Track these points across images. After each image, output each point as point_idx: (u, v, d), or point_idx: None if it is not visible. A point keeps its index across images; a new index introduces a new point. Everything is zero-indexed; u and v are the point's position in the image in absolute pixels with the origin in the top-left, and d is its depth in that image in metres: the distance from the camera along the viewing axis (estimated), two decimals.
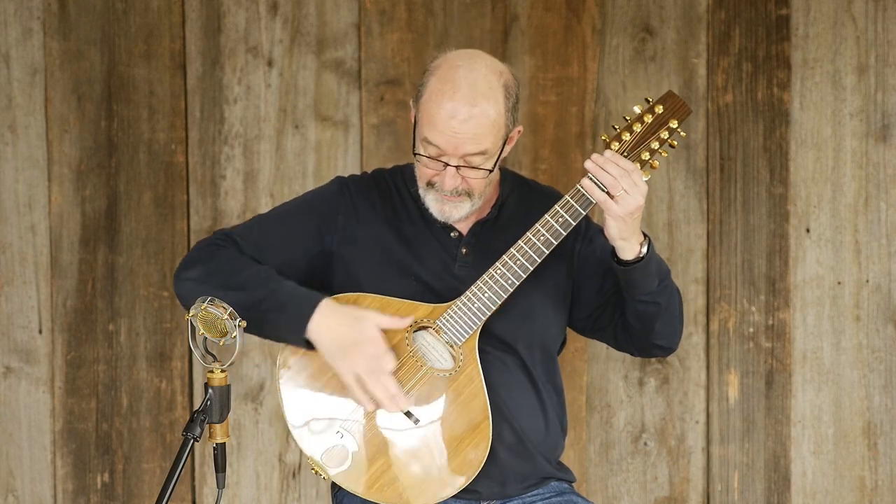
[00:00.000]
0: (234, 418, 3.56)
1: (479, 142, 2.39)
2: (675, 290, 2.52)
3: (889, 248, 3.47)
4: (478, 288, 2.38)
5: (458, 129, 2.37)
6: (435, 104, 2.38)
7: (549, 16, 3.48)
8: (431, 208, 2.47)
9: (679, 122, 2.40)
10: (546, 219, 2.39)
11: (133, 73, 3.53)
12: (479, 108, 2.37)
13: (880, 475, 3.51)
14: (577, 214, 2.38)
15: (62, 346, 3.57)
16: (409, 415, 2.39)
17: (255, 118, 3.53)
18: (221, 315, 2.28)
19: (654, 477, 3.55)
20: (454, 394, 2.39)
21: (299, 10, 3.51)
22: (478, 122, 2.37)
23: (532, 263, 2.38)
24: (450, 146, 2.38)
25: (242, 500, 3.59)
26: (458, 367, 2.39)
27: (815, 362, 3.50)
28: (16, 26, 3.53)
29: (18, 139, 3.54)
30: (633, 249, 2.40)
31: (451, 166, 2.40)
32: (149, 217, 3.55)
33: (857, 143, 3.46)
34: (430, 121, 2.39)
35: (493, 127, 2.40)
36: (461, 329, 2.38)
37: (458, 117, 2.36)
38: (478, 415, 2.39)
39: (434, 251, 2.51)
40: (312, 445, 2.41)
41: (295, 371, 2.42)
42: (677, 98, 2.41)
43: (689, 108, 2.41)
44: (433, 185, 2.45)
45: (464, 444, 2.40)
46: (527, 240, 2.39)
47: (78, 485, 3.60)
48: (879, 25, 3.44)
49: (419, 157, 2.44)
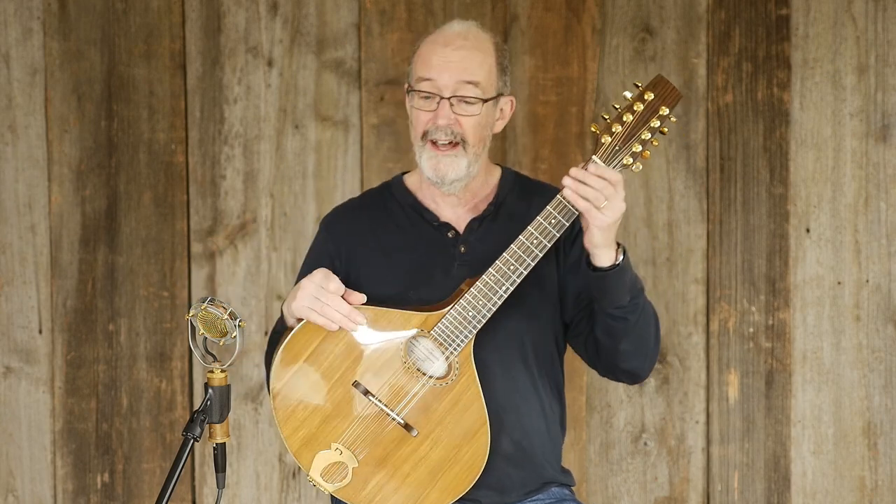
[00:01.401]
0: (234, 418, 3.56)
1: (472, 71, 2.44)
2: (649, 314, 2.49)
3: (889, 248, 3.47)
4: (471, 296, 2.36)
5: (450, 56, 2.43)
6: (429, 43, 2.48)
7: (549, 16, 3.48)
8: (427, 169, 2.47)
9: (670, 109, 2.33)
10: (539, 220, 2.36)
11: (133, 73, 3.53)
12: (470, 41, 2.46)
13: (880, 475, 3.51)
14: (571, 214, 2.36)
15: (62, 346, 3.57)
16: (407, 427, 2.39)
17: (255, 118, 3.53)
18: (221, 315, 2.28)
19: (654, 477, 3.55)
20: (451, 403, 2.39)
21: (299, 10, 3.51)
22: (469, 52, 2.45)
23: (526, 268, 2.36)
24: (443, 74, 2.43)
25: (242, 500, 3.59)
26: (454, 376, 2.39)
27: (815, 362, 3.50)
28: (16, 26, 3.53)
29: (18, 139, 3.54)
30: (609, 256, 2.38)
31: (444, 99, 2.43)
32: (149, 217, 3.55)
33: (857, 143, 3.46)
34: (424, 59, 2.47)
35: (484, 62, 2.45)
36: (457, 338, 2.37)
37: (451, 46, 2.44)
38: (475, 423, 2.39)
39: (432, 254, 2.51)
40: (311, 463, 2.41)
41: (289, 389, 2.41)
42: (667, 83, 2.35)
43: (679, 93, 2.36)
44: (428, 134, 2.46)
45: (462, 453, 2.40)
46: (519, 244, 2.36)
47: (78, 485, 3.59)
48: (879, 25, 3.44)
49: (414, 98, 2.47)
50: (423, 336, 2.39)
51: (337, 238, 2.58)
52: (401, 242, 2.53)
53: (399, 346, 2.39)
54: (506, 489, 2.50)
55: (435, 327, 2.38)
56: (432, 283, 2.48)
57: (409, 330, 2.39)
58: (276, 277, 3.54)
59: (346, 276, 2.51)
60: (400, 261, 2.52)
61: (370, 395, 2.39)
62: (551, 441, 2.55)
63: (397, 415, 2.39)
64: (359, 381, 2.40)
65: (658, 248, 3.50)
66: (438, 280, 2.48)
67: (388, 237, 2.55)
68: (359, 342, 2.40)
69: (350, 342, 2.40)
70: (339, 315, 2.37)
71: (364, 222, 2.58)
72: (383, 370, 2.39)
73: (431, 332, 2.38)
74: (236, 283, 3.55)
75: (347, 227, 2.59)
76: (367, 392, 2.39)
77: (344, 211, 2.65)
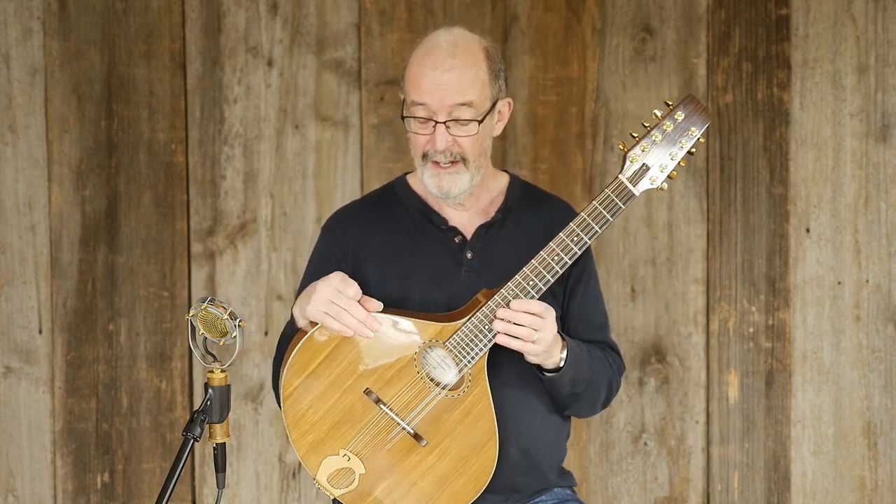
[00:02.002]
0: (234, 418, 3.56)
1: (464, 92, 2.40)
2: (601, 379, 2.51)
3: (889, 248, 3.47)
4: (489, 309, 2.35)
5: (440, 79, 2.39)
6: (417, 65, 2.43)
7: (549, 16, 3.48)
8: (430, 185, 2.47)
9: (699, 131, 2.34)
10: (561, 237, 2.36)
11: (133, 73, 3.53)
12: (459, 60, 2.40)
13: (880, 475, 3.51)
14: (595, 233, 2.37)
15: (62, 346, 3.57)
16: (417, 437, 2.39)
17: (255, 118, 3.53)
18: (221, 315, 2.28)
19: (654, 477, 3.55)
20: (462, 414, 2.39)
21: (299, 10, 3.51)
22: (460, 72, 2.40)
23: (545, 284, 2.35)
24: (435, 99, 2.39)
25: (242, 500, 3.59)
26: (466, 388, 2.38)
27: (815, 362, 3.50)
28: (16, 26, 3.53)
29: (18, 139, 3.54)
30: (553, 360, 2.41)
31: (439, 123, 2.40)
32: (149, 217, 3.55)
33: (857, 143, 3.46)
34: (414, 82, 2.42)
35: (475, 79, 2.41)
36: (472, 350, 2.36)
37: (440, 68, 2.39)
38: (484, 434, 2.39)
39: (439, 258, 2.51)
40: (319, 468, 2.41)
41: (300, 393, 2.40)
42: (698, 103, 2.35)
43: (709, 114, 2.35)
44: (427, 155, 2.45)
45: (470, 464, 2.40)
46: (540, 259, 2.35)
47: (78, 485, 3.59)
48: (879, 25, 3.44)
49: (410, 123, 2.45)
50: (437, 346, 2.38)
51: (342, 241, 2.56)
52: (407, 245, 2.52)
53: (413, 355, 2.38)
54: (510, 497, 2.51)
55: (450, 339, 2.36)
56: (439, 288, 2.47)
57: (423, 340, 2.38)
58: (276, 277, 3.54)
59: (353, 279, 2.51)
60: (406, 264, 2.51)
61: (381, 404, 2.38)
62: (558, 445, 2.56)
63: (408, 424, 2.38)
64: (371, 388, 2.39)
65: (658, 248, 3.50)
66: (445, 285, 2.48)
67: (395, 240, 2.53)
68: (372, 350, 2.38)
69: (364, 349, 2.38)
70: (355, 321, 2.35)
71: (369, 224, 2.57)
72: (395, 379, 2.38)
73: (446, 343, 2.37)
74: (236, 283, 3.55)
75: (352, 229, 2.57)
76: (379, 400, 2.38)
77: (347, 213, 2.64)
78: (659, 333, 3.50)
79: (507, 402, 2.44)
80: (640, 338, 3.51)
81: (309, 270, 2.60)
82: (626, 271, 3.50)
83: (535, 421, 2.50)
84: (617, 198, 2.35)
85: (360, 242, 2.54)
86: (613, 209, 2.35)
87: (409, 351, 2.38)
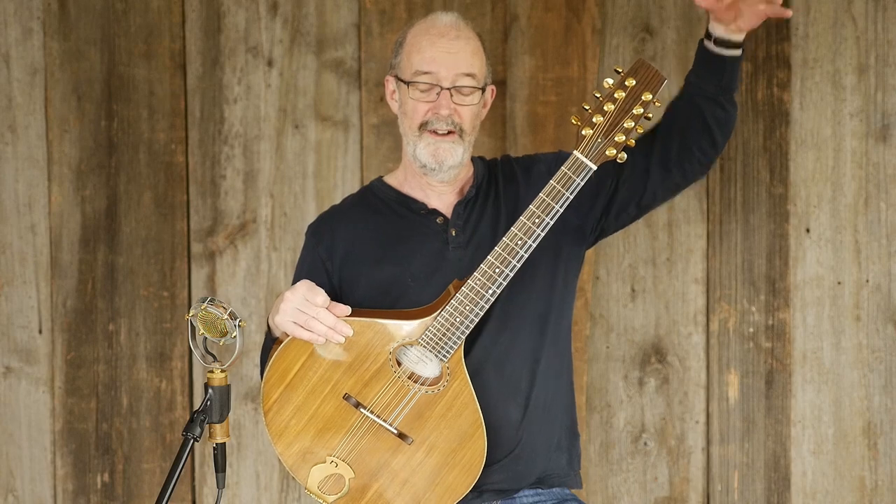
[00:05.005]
0: (234, 418, 3.56)
1: (470, 62, 2.48)
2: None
3: (889, 248, 3.47)
4: (458, 301, 2.35)
5: (449, 46, 2.46)
6: (421, 35, 2.49)
7: (549, 16, 3.48)
8: (424, 156, 2.50)
9: (654, 94, 2.31)
10: (524, 220, 2.35)
11: (133, 73, 3.53)
12: (463, 33, 2.49)
13: (880, 475, 3.51)
14: (554, 211, 2.35)
15: (62, 346, 3.57)
16: (402, 436, 2.39)
17: (255, 118, 3.53)
18: (221, 315, 2.28)
19: (654, 477, 3.55)
20: (444, 408, 2.39)
21: (299, 10, 3.51)
22: (466, 41, 2.48)
23: (512, 269, 2.35)
24: (444, 66, 2.46)
25: (242, 500, 3.59)
26: (446, 382, 2.39)
27: (815, 362, 3.50)
28: (16, 26, 3.53)
29: (18, 139, 3.54)
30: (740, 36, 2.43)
31: (444, 90, 2.46)
32: (149, 217, 3.55)
33: (857, 143, 3.46)
34: (420, 52, 2.47)
35: (478, 51, 2.50)
36: (446, 344, 2.37)
37: (447, 36, 2.47)
38: (470, 426, 2.39)
39: (426, 241, 2.53)
40: (308, 477, 2.41)
41: (280, 406, 2.40)
42: (649, 67, 2.32)
43: (662, 76, 2.32)
44: (427, 125, 2.48)
45: (459, 456, 2.40)
46: (503, 245, 2.35)
47: (78, 485, 3.59)
48: (879, 25, 3.44)
49: (413, 90, 2.48)
50: (411, 343, 2.38)
51: (327, 241, 2.58)
52: (394, 233, 2.55)
53: (388, 355, 2.38)
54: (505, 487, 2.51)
55: (423, 334, 2.37)
56: (432, 269, 2.49)
57: (397, 339, 2.38)
58: (276, 277, 3.54)
59: (341, 276, 2.52)
60: (396, 251, 2.53)
61: (362, 407, 2.39)
62: (567, 396, 2.58)
63: (390, 425, 2.39)
64: (349, 393, 2.39)
65: (658, 248, 3.50)
66: (437, 264, 2.50)
67: (380, 230, 2.56)
68: (347, 354, 2.38)
69: (338, 354, 2.38)
70: (324, 328, 2.35)
71: (354, 222, 2.59)
72: (374, 381, 2.39)
73: (420, 339, 2.37)
74: (236, 283, 3.55)
75: (336, 228, 2.59)
76: (359, 404, 2.39)
77: (329, 216, 2.66)
78: (659, 333, 3.51)
79: (492, 396, 2.44)
80: (640, 338, 3.51)
81: (297, 275, 2.62)
82: (626, 271, 3.50)
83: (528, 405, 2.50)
84: (573, 174, 2.33)
85: (348, 240, 2.56)
86: (571, 186, 2.33)
87: (384, 351, 2.38)
